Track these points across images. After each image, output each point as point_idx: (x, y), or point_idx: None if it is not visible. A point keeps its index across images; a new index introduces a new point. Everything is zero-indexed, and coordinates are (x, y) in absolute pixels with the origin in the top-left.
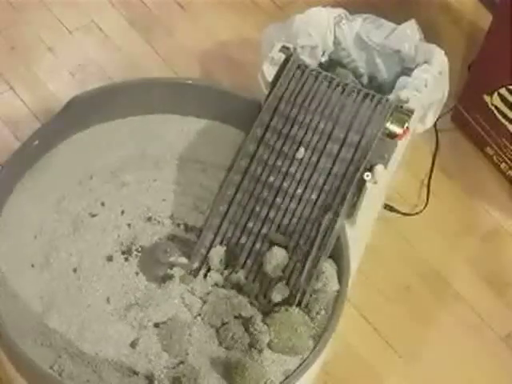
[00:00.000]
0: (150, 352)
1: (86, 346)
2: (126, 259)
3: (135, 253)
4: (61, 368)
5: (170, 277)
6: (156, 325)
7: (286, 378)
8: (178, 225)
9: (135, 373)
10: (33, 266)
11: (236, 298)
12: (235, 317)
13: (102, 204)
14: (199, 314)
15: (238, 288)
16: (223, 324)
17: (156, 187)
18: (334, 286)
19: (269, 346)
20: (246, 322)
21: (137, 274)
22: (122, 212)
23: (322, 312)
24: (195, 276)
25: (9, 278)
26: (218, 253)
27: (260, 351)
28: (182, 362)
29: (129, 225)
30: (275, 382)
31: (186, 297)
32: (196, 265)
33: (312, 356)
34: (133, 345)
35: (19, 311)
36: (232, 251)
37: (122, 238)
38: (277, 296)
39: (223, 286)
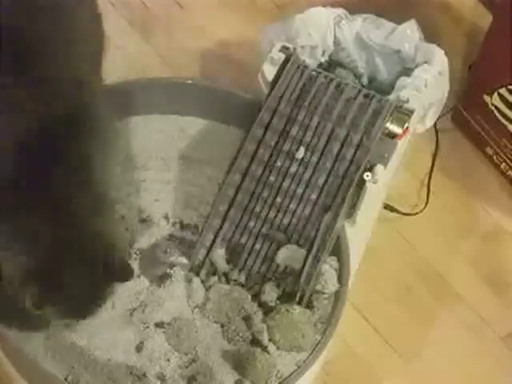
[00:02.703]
0: (159, 352)
1: (97, 354)
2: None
3: (134, 256)
4: (76, 378)
5: (171, 276)
6: (161, 325)
7: (285, 379)
8: (174, 224)
9: (145, 375)
10: None
11: (237, 291)
12: (239, 310)
13: None
14: (203, 312)
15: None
16: (228, 319)
17: (147, 188)
18: (334, 285)
19: (275, 345)
20: (248, 318)
21: (138, 276)
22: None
23: (322, 312)
24: (197, 275)
25: None
26: (220, 255)
27: (265, 348)
28: (193, 360)
29: (125, 228)
30: (285, 374)
31: (189, 295)
32: (196, 265)
33: (311, 356)
34: (140, 347)
35: None
36: (232, 252)
37: None
38: (268, 296)
39: (225, 281)
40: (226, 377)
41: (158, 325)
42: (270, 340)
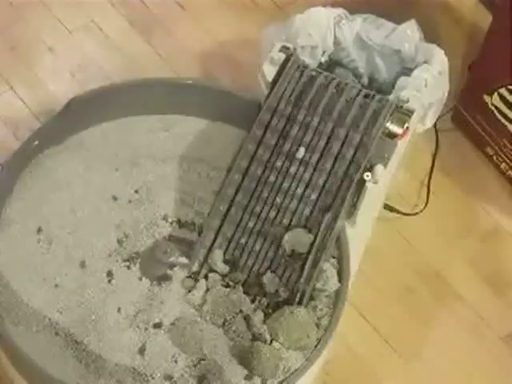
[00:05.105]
0: (165, 354)
1: (104, 357)
2: (128, 267)
3: (135, 258)
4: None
5: (171, 277)
6: (165, 326)
7: (285, 380)
8: (172, 223)
9: (153, 377)
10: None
11: (234, 293)
12: (237, 313)
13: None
14: (200, 314)
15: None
16: (226, 321)
17: (146, 188)
18: (334, 285)
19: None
20: (248, 318)
21: (140, 279)
22: (115, 219)
23: (323, 312)
24: (196, 275)
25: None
26: (218, 256)
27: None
28: (202, 359)
29: (124, 232)
30: (291, 368)
31: (189, 296)
32: (196, 265)
33: (312, 357)
34: (144, 349)
35: (32, 335)
36: (232, 252)
37: (120, 247)
38: (270, 287)
39: (223, 285)
40: (235, 373)
41: (161, 326)
42: (272, 340)
